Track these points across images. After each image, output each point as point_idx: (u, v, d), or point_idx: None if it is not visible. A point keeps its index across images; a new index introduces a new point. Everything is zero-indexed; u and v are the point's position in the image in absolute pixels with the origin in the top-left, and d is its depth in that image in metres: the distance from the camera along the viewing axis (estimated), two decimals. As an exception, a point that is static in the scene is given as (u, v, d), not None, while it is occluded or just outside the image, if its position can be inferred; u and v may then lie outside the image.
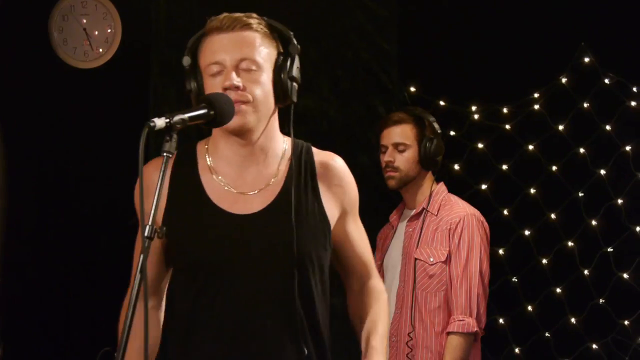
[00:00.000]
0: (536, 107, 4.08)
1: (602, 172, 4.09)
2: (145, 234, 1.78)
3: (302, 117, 3.68)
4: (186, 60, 2.10)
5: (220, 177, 2.11)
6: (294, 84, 2.10)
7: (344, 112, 3.98)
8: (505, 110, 4.08)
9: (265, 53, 2.07)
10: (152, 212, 1.80)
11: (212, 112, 1.95)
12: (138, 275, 1.76)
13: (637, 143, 4.08)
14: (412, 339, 3.22)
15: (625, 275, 4.05)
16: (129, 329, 1.75)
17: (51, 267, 3.78)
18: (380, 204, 3.78)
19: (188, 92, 2.12)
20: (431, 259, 3.25)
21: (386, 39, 4.04)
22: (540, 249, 4.09)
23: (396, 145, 3.36)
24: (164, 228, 1.82)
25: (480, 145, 4.11)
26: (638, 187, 4.06)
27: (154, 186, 1.85)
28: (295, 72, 2.10)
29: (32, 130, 3.78)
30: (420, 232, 3.31)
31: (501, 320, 4.08)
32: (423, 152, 3.34)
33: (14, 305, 3.70)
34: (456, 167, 4.08)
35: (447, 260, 3.26)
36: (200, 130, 3.38)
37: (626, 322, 4.05)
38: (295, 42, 2.11)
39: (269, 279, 2.04)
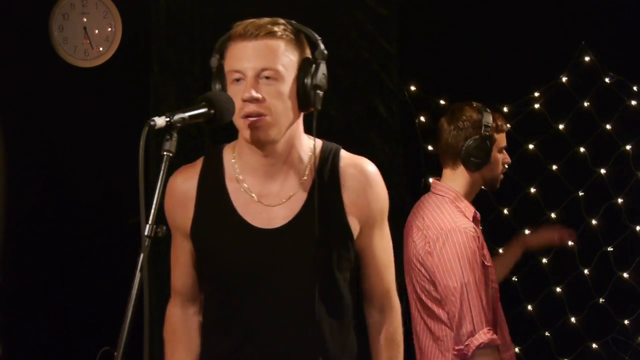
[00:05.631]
0: (536, 106, 4.08)
1: (603, 171, 4.09)
2: (146, 233, 1.79)
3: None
4: (213, 62, 2.09)
5: (246, 186, 2.11)
6: (318, 91, 2.05)
7: (344, 112, 3.97)
8: (505, 109, 4.08)
9: (288, 61, 2.03)
10: (153, 210, 1.81)
11: (212, 111, 1.94)
12: (137, 275, 1.77)
13: (638, 142, 4.08)
14: None
15: (625, 275, 4.06)
16: (129, 329, 1.76)
17: (51, 266, 3.78)
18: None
19: None
20: None
21: (386, 38, 4.03)
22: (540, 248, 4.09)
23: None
24: (164, 227, 1.81)
25: (480, 145, 4.10)
26: (638, 187, 4.07)
27: (184, 198, 2.10)
28: (320, 79, 2.04)
29: (32, 129, 3.78)
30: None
31: (501, 320, 4.08)
32: None
33: (14, 304, 3.69)
34: (456, 166, 4.07)
35: None
36: (200, 129, 3.37)
37: (626, 322, 4.06)
38: (323, 47, 2.06)
39: (289, 293, 2.06)
